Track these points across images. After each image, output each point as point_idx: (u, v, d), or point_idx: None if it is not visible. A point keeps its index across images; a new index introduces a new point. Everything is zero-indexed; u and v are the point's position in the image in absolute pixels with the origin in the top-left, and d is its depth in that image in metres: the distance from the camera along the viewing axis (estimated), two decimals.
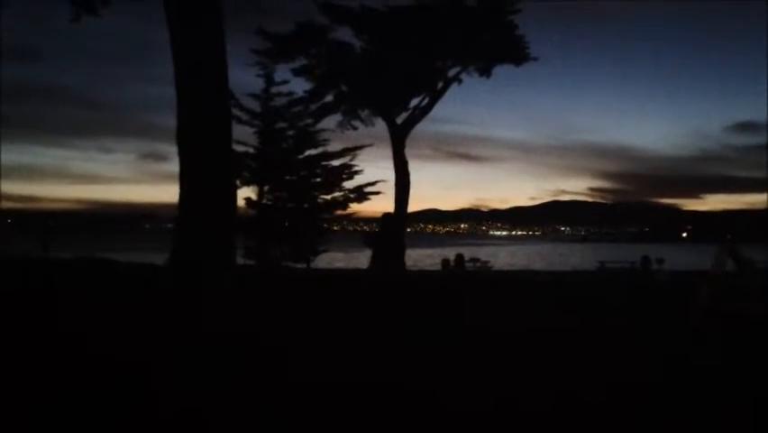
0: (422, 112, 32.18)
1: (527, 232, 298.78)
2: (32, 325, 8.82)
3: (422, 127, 33.62)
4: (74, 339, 8.21)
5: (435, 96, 31.91)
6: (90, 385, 6.21)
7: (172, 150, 18.01)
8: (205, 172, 17.33)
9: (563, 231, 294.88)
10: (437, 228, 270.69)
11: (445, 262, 34.57)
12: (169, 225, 25.93)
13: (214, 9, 17.56)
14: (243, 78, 36.34)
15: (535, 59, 31.07)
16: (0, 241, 62.48)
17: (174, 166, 17.96)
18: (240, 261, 23.17)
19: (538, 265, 54.29)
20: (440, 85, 31.76)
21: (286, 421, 5.31)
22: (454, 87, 31.87)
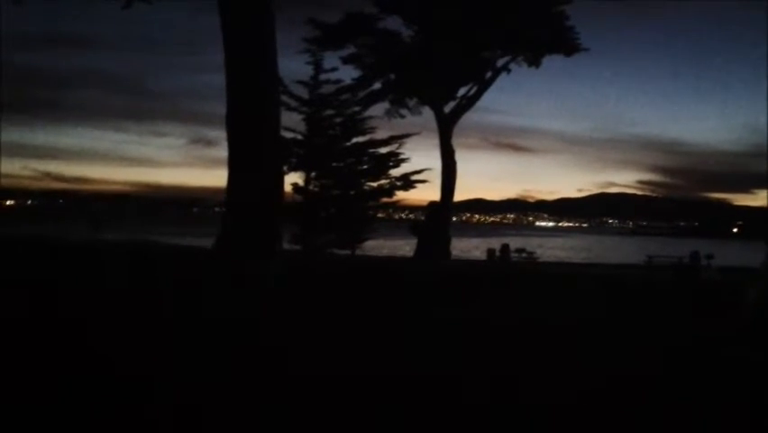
0: (469, 101, 32.12)
1: (574, 224, 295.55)
2: (56, 314, 8.98)
3: (469, 117, 33.75)
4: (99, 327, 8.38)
5: (483, 86, 31.84)
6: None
7: (221, 135, 18.30)
8: (253, 158, 17.59)
9: (611, 224, 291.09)
10: (483, 218, 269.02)
11: (491, 252, 34.61)
12: (217, 209, 26.29)
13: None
14: (293, 66, 36.72)
15: (586, 49, 30.85)
16: (52, 222, 63.96)
17: (223, 151, 18.23)
18: (286, 246, 23.41)
19: (583, 257, 53.73)
20: (488, 74, 31.68)
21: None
22: (503, 76, 31.77)
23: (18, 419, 4.78)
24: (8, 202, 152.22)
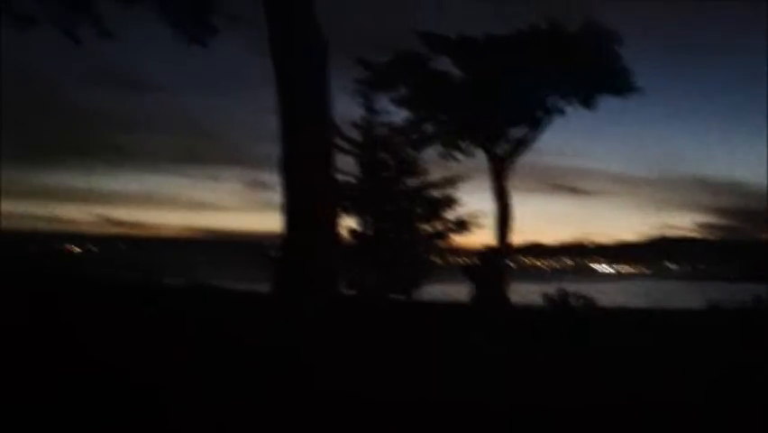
0: (523, 143, 31.86)
1: (634, 268, 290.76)
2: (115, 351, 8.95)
3: (524, 158, 33.25)
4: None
5: (537, 127, 31.59)
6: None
7: (276, 179, 18.34)
8: (308, 201, 17.58)
9: (671, 268, 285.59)
10: (540, 262, 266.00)
11: (548, 297, 33.96)
12: (273, 253, 26.25)
13: (317, 41, 17.89)
14: (345, 108, 36.87)
15: (640, 89, 30.42)
16: (113, 266, 64.99)
17: (278, 195, 18.25)
18: (341, 289, 23.27)
19: (644, 303, 52.37)
20: (542, 116, 31.42)
21: None
22: (557, 117, 31.50)
23: None
24: (70, 247, 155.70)
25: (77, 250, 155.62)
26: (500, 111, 30.13)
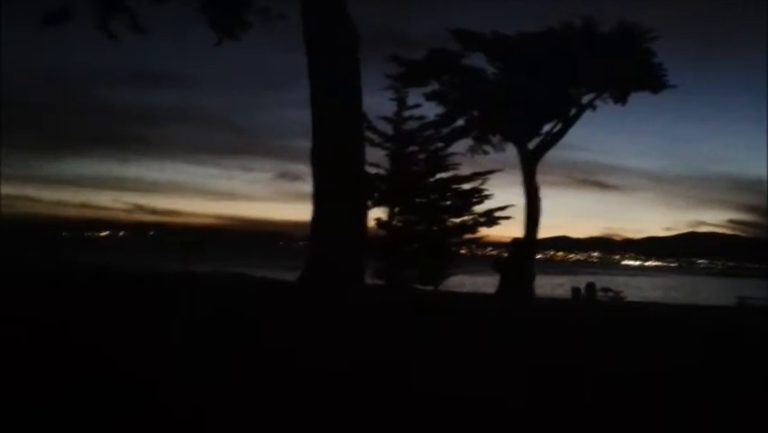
0: (554, 138, 31.86)
1: (662, 263, 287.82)
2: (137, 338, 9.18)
3: (554, 154, 33.25)
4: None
5: (568, 123, 31.55)
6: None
7: (307, 170, 18.65)
8: (337, 193, 17.85)
9: (700, 264, 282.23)
10: (567, 256, 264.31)
11: (576, 290, 33.98)
12: (301, 243, 26.64)
13: (349, 37, 18.14)
14: (377, 102, 37.07)
15: (673, 86, 30.28)
16: (143, 253, 65.77)
17: (308, 186, 18.56)
18: (368, 280, 23.54)
19: (671, 297, 52.12)
20: (573, 111, 31.37)
21: None
22: (588, 113, 31.44)
23: None
24: (102, 233, 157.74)
25: (107, 234, 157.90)
26: (531, 106, 30.11)
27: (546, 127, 31.77)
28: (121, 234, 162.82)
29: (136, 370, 7.21)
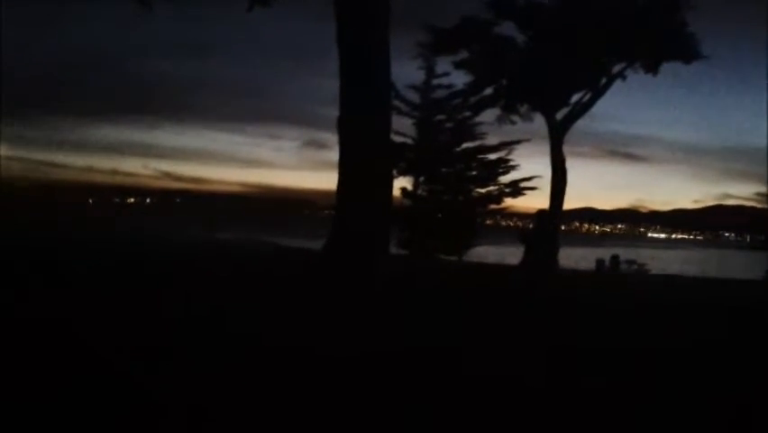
0: (583, 108, 31.51)
1: (688, 236, 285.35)
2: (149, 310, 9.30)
3: (582, 124, 33.01)
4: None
5: (597, 93, 31.15)
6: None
7: (333, 138, 18.65)
8: (363, 162, 17.83)
9: (727, 237, 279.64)
10: (593, 228, 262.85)
11: (600, 262, 33.88)
12: (327, 212, 26.75)
13: (380, 6, 18.01)
14: (405, 71, 36.97)
15: (706, 57, 29.79)
16: (170, 221, 66.30)
17: (334, 154, 18.59)
18: (393, 250, 23.60)
19: (696, 270, 51.71)
20: (603, 81, 31.00)
21: None
22: (618, 83, 31.06)
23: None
24: (129, 200, 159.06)
25: (134, 201, 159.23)
26: (561, 75, 29.76)
27: (575, 97, 31.40)
28: (148, 200, 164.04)
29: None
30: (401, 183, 32.75)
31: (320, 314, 9.49)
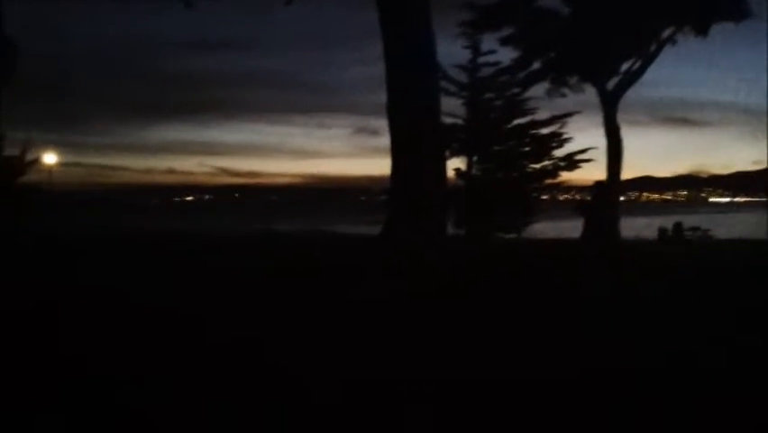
0: (634, 76, 31.02)
1: (751, 198, 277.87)
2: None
3: (634, 92, 32.38)
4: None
5: (648, 60, 30.63)
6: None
7: (384, 124, 18.74)
8: (415, 145, 17.90)
9: None
10: (652, 196, 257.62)
11: (662, 231, 33.31)
12: (382, 198, 26.79)
13: None
14: (451, 51, 36.75)
15: (755, 16, 29.03)
16: (228, 215, 67.31)
17: (386, 140, 18.67)
18: (449, 231, 23.61)
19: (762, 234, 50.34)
20: (653, 47, 30.44)
21: None
22: (668, 48, 30.47)
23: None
24: (189, 197, 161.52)
25: (192, 199, 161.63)
26: (609, 44, 29.32)
27: (625, 65, 30.94)
28: (206, 197, 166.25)
29: None
30: (455, 164, 32.68)
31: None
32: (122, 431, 4.51)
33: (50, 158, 39.03)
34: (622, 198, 45.05)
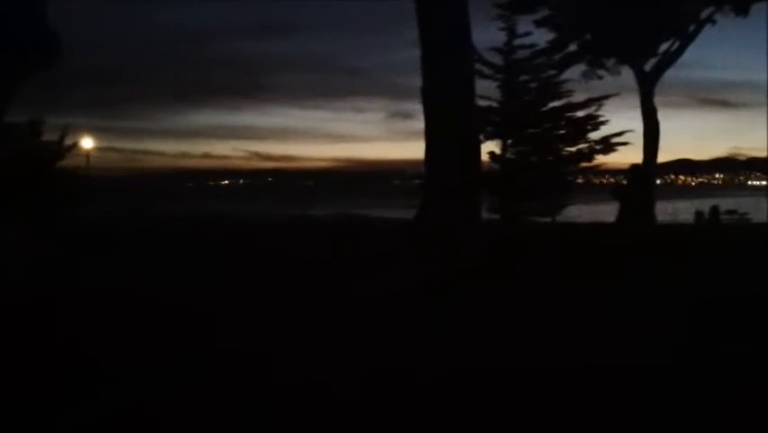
0: (672, 57, 30.65)
1: None
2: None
3: (672, 73, 31.97)
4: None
5: (686, 40, 30.24)
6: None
7: (418, 108, 18.70)
8: (449, 128, 17.84)
9: None
10: (689, 179, 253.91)
11: (699, 214, 33.01)
12: (417, 182, 26.72)
13: None
14: (486, 33, 36.49)
15: None
16: (264, 199, 67.77)
17: (420, 123, 18.64)
18: (484, 215, 23.51)
19: None
20: (691, 28, 30.00)
21: None
22: (707, 28, 30.00)
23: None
24: (224, 181, 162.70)
25: (228, 183, 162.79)
26: (646, 25, 28.92)
27: (663, 46, 30.55)
28: (241, 181, 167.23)
29: None
30: (489, 147, 32.46)
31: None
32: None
33: (87, 143, 39.50)
34: (659, 182, 44.58)
